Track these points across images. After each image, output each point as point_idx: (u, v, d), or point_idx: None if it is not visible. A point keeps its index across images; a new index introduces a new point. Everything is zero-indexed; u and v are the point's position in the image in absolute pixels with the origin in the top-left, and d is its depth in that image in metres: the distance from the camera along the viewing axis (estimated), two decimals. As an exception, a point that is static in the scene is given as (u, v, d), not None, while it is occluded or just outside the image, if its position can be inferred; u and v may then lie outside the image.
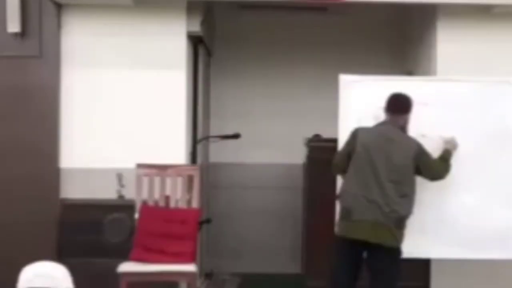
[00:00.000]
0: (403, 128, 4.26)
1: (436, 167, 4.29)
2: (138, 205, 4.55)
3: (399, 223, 4.09)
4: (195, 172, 4.69)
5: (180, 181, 4.63)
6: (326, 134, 5.42)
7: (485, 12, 5.05)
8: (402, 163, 4.10)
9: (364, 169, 4.12)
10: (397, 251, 4.14)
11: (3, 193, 4.96)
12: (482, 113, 4.61)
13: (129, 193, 4.76)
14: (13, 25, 4.88)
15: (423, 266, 5.05)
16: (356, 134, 4.23)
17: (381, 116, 4.32)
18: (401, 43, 6.47)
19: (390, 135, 4.17)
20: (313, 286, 5.21)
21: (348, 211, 4.13)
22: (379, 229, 4.04)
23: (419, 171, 4.19)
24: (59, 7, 5.01)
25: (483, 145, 4.57)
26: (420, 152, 4.17)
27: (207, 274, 6.07)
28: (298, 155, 6.01)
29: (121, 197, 4.90)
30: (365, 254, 4.19)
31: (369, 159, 4.11)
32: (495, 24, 5.11)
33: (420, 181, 4.28)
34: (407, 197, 4.11)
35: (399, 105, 4.27)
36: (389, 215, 4.04)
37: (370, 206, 4.06)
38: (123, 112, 5.04)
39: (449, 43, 5.13)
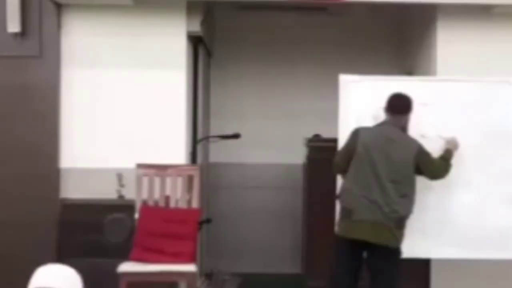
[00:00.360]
0: (403, 128, 4.26)
1: (436, 166, 4.29)
2: (138, 205, 4.55)
3: (399, 223, 4.09)
4: (195, 172, 4.69)
5: (180, 181, 4.62)
6: (326, 134, 5.42)
7: (485, 12, 5.05)
8: (402, 163, 4.10)
9: (365, 169, 4.12)
10: (397, 251, 4.14)
11: (3, 193, 4.96)
12: (482, 113, 4.61)
13: (129, 193, 4.76)
14: (13, 25, 4.88)
15: (423, 266, 5.05)
16: (357, 134, 4.22)
17: (381, 116, 4.31)
18: (401, 43, 6.48)
19: (391, 135, 4.17)
20: (313, 286, 5.22)
21: (348, 211, 4.13)
22: (379, 229, 4.05)
23: (419, 170, 4.19)
24: (59, 7, 5.01)
25: (483, 145, 4.57)
26: (420, 152, 4.17)
27: (207, 274, 6.07)
28: (298, 155, 6.01)
29: (121, 197, 4.90)
30: (365, 254, 4.19)
31: (369, 159, 4.11)
32: (495, 24, 5.11)
33: (420, 181, 4.28)
34: (407, 197, 4.11)
35: (400, 106, 4.26)
36: (389, 215, 4.04)
37: (371, 206, 4.06)
38: (123, 112, 5.04)
39: (449, 43, 5.13)
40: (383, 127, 4.23)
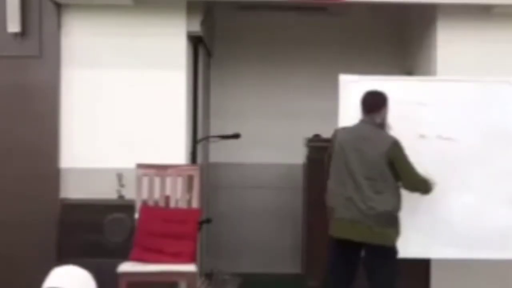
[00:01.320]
0: (381, 125, 4.21)
1: (412, 174, 4.12)
2: (138, 205, 4.55)
3: (379, 221, 4.03)
4: (195, 172, 4.69)
5: (180, 181, 4.62)
6: (326, 134, 5.40)
7: (485, 12, 5.06)
8: (375, 159, 4.06)
9: (340, 168, 4.15)
10: (387, 249, 4.09)
11: (3, 193, 4.96)
12: (482, 113, 4.61)
13: (129, 193, 4.76)
14: (13, 25, 4.88)
15: (423, 266, 5.05)
16: (336, 134, 4.27)
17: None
18: (401, 43, 6.48)
19: (366, 133, 4.16)
20: (313, 286, 5.21)
21: (332, 210, 4.19)
22: (357, 227, 4.05)
23: (396, 173, 4.10)
24: (59, 7, 5.01)
25: (483, 145, 4.57)
26: (393, 148, 4.08)
27: (207, 274, 6.07)
28: (298, 155, 6.02)
29: (121, 197, 4.90)
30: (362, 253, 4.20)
31: (344, 158, 4.13)
32: (495, 24, 5.11)
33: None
34: (383, 193, 4.05)
35: (370, 104, 4.22)
36: (366, 212, 4.02)
37: (346, 204, 4.09)
38: (123, 112, 5.04)
39: (449, 43, 5.13)
40: (358, 125, 4.24)
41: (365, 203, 4.04)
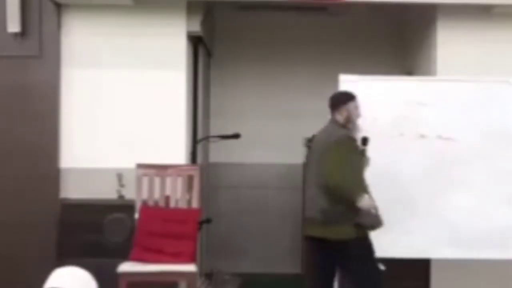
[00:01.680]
0: (344, 125, 4.09)
1: (337, 172, 3.85)
2: (138, 205, 4.55)
3: (324, 216, 3.95)
4: (195, 172, 4.69)
5: (180, 181, 4.62)
6: (326, 134, 5.41)
7: (485, 12, 5.06)
8: (319, 156, 4.03)
9: (307, 168, 4.26)
10: (345, 244, 3.93)
11: (3, 193, 4.96)
12: (482, 113, 4.61)
13: (129, 193, 4.76)
14: (13, 25, 4.88)
15: (423, 266, 5.05)
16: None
17: (380, 115, 4.32)
18: (401, 43, 6.48)
19: (328, 132, 4.13)
20: (313, 286, 5.21)
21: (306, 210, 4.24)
22: (313, 224, 4.05)
23: None
24: (59, 7, 5.01)
25: (483, 145, 4.57)
26: (332, 145, 3.93)
27: (207, 274, 6.07)
28: (298, 155, 6.02)
29: (121, 197, 4.90)
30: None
31: (310, 159, 4.22)
32: (495, 24, 5.11)
33: (418, 180, 4.26)
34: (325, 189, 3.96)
35: (331, 102, 4.18)
36: (316, 208, 4.02)
37: (308, 203, 4.13)
38: (123, 112, 5.04)
39: (449, 43, 5.14)
40: (326, 125, 4.20)
41: (315, 199, 4.02)
